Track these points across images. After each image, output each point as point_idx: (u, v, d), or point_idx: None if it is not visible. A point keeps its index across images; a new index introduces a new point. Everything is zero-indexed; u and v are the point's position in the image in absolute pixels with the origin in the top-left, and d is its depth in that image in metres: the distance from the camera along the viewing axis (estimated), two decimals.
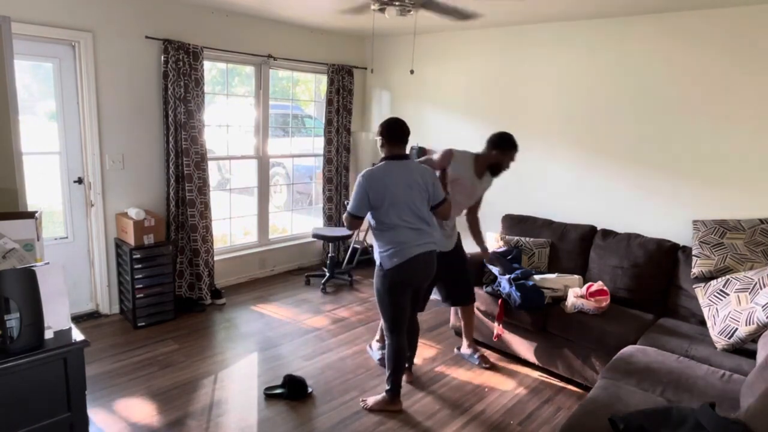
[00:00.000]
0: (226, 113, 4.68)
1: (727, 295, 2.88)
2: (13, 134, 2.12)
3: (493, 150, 3.18)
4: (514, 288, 3.34)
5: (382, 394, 2.95)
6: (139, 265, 3.73)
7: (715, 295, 2.95)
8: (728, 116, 3.27)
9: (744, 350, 2.73)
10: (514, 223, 4.08)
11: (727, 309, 2.82)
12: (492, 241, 3.94)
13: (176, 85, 3.90)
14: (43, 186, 3.69)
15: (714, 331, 2.83)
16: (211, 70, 4.56)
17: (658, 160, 3.59)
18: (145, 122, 3.96)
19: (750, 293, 2.76)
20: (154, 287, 3.83)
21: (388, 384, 2.92)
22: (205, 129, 4.14)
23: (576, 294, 3.27)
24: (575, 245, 3.74)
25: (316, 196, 5.71)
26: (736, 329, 2.70)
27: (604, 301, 3.22)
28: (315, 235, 4.83)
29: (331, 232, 4.84)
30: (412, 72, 3.82)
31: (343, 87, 5.17)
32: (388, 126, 2.80)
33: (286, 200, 5.70)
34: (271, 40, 4.65)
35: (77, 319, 3.81)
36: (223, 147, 4.74)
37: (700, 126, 3.39)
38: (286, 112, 5.46)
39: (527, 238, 3.86)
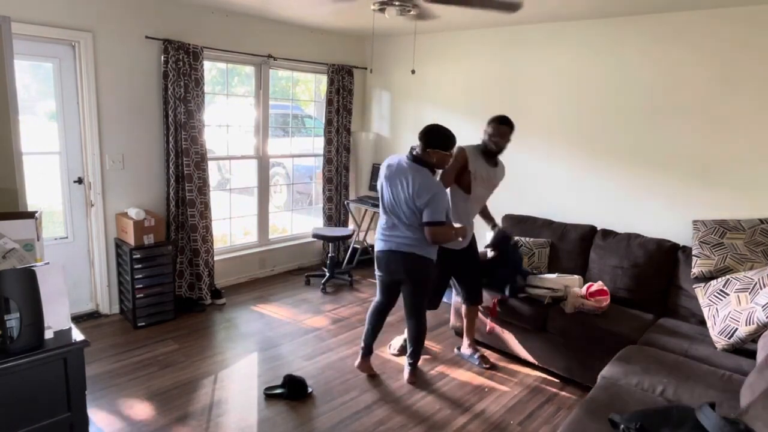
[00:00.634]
0: (226, 113, 4.68)
1: (727, 295, 2.88)
2: (13, 134, 2.12)
3: (487, 127, 3.19)
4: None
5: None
6: (139, 265, 3.73)
7: (715, 295, 2.95)
8: (728, 116, 3.28)
9: (744, 350, 2.73)
10: (514, 223, 4.08)
11: (727, 309, 2.82)
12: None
13: (176, 85, 3.90)
14: (43, 186, 3.69)
15: (714, 331, 2.83)
16: (211, 70, 4.56)
17: (658, 160, 3.60)
18: (145, 122, 3.96)
19: (750, 293, 2.76)
20: (154, 287, 3.83)
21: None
22: (205, 129, 4.14)
23: (576, 294, 3.27)
24: (575, 245, 3.74)
25: (316, 196, 5.71)
26: (736, 329, 2.70)
27: (604, 301, 3.22)
28: (315, 235, 4.83)
29: (331, 232, 4.84)
30: (414, 72, 3.82)
31: (343, 87, 5.17)
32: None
33: (286, 200, 5.70)
34: (271, 40, 4.65)
35: (77, 319, 3.81)
36: (223, 147, 4.74)
37: (700, 126, 3.39)
38: (286, 112, 5.46)
39: (527, 238, 3.86)
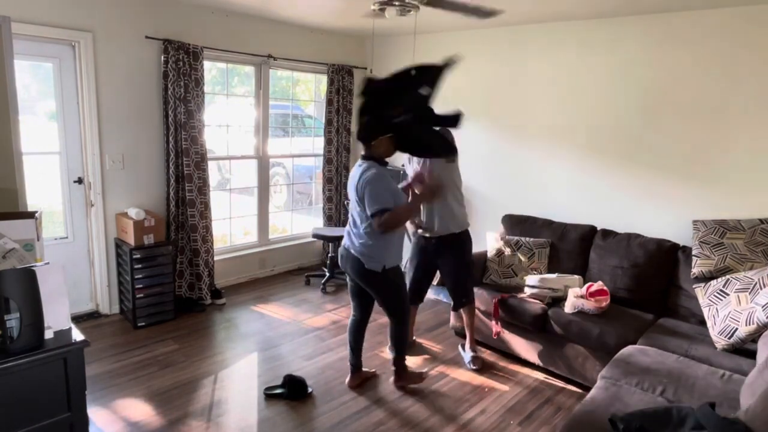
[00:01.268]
0: (226, 113, 4.68)
1: (727, 295, 2.87)
2: (13, 134, 2.12)
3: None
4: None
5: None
6: (139, 265, 3.73)
7: (715, 295, 2.95)
8: (728, 116, 3.27)
9: (744, 350, 2.72)
10: (514, 223, 4.08)
11: (727, 309, 2.82)
12: (492, 241, 3.94)
13: (176, 85, 3.90)
14: (43, 186, 3.68)
15: (714, 331, 2.83)
16: (211, 70, 4.56)
17: (659, 160, 3.59)
18: (145, 122, 3.96)
19: (750, 293, 2.76)
20: (154, 287, 3.83)
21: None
22: (205, 129, 4.14)
23: (576, 294, 3.27)
24: (575, 245, 3.74)
25: (316, 196, 5.71)
26: (736, 329, 2.70)
27: (604, 301, 3.22)
28: (315, 235, 4.83)
29: (331, 232, 4.84)
30: (414, 71, 3.81)
31: (343, 87, 5.17)
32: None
33: (286, 200, 5.70)
34: (271, 40, 4.65)
35: (77, 319, 3.81)
36: (223, 147, 4.73)
37: (700, 126, 3.39)
38: (286, 112, 5.46)
39: (527, 238, 3.86)
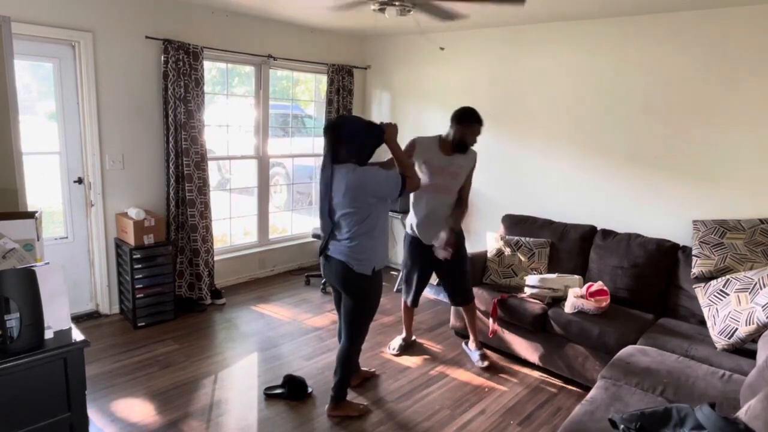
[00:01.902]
0: (226, 113, 4.68)
1: (727, 295, 2.87)
2: (13, 134, 2.12)
3: (456, 125, 3.16)
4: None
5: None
6: (139, 265, 3.73)
7: (715, 295, 2.95)
8: (728, 116, 3.27)
9: (744, 350, 2.72)
10: (514, 223, 4.08)
11: (727, 309, 2.82)
12: (492, 241, 3.94)
13: (176, 85, 3.90)
14: (43, 186, 3.68)
15: (714, 331, 2.83)
16: (211, 70, 4.56)
17: (658, 160, 3.59)
18: (145, 122, 3.96)
19: (750, 293, 2.76)
20: (154, 287, 3.83)
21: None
22: (205, 129, 4.14)
23: (576, 294, 3.27)
24: (575, 245, 3.74)
25: (316, 196, 5.71)
26: (736, 329, 2.70)
27: (604, 301, 3.22)
28: (315, 235, 4.82)
29: None
30: (443, 48, 3.71)
31: (343, 87, 5.17)
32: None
33: (286, 200, 5.70)
34: (271, 40, 4.65)
35: (77, 319, 3.81)
36: (223, 147, 4.73)
37: (700, 126, 3.39)
38: (286, 112, 5.46)
39: (527, 238, 3.86)
